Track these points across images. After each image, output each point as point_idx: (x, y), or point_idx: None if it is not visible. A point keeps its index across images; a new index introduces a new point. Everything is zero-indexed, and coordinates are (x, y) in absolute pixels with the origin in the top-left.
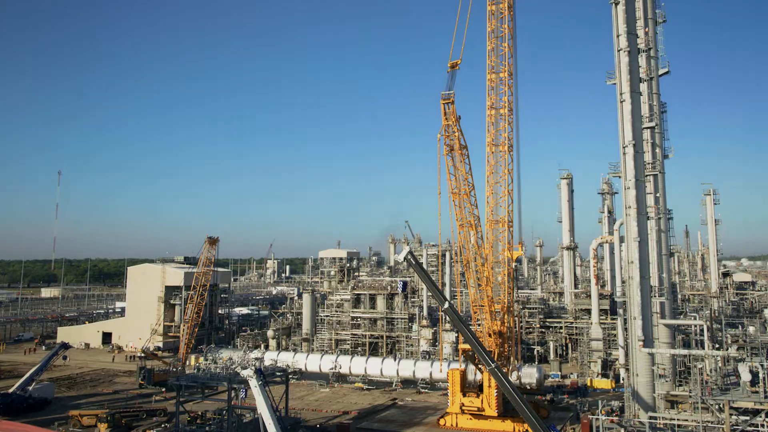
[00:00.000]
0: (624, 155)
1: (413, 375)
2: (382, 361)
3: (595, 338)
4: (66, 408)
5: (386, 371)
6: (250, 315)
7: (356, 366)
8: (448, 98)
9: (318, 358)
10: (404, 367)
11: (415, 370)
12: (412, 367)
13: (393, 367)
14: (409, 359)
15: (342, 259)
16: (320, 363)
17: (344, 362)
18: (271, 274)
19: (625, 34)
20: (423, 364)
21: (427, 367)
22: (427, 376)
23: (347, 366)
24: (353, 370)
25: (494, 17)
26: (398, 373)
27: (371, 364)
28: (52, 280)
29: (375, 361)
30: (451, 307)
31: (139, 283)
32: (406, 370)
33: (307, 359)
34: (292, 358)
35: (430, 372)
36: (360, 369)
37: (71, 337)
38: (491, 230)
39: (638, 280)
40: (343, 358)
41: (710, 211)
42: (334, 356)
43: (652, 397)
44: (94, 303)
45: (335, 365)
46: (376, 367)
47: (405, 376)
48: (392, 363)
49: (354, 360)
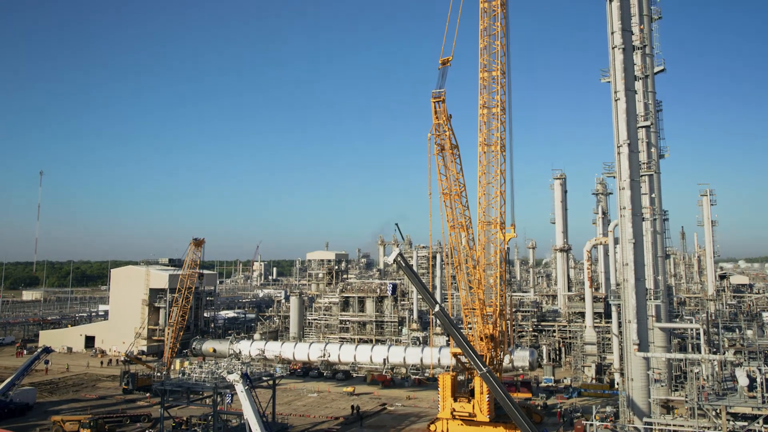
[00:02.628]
0: (619, 155)
1: (404, 361)
2: (371, 348)
3: (589, 342)
4: (48, 414)
5: (376, 358)
6: (236, 318)
7: (345, 354)
8: (438, 96)
9: (306, 347)
10: (394, 353)
11: (405, 357)
12: (402, 353)
13: (383, 353)
14: (399, 345)
15: (330, 261)
16: (309, 352)
17: (333, 350)
18: (258, 276)
19: (619, 31)
20: (413, 350)
21: (417, 353)
22: (418, 362)
23: (336, 354)
24: (342, 358)
25: (486, 15)
26: (388, 360)
27: (360, 351)
28: (34, 282)
29: (364, 348)
30: (442, 310)
31: (122, 286)
32: (396, 356)
33: (296, 348)
34: (279, 348)
35: (420, 357)
36: (349, 357)
37: (53, 341)
38: (483, 232)
39: (633, 283)
40: (332, 346)
41: (707, 212)
42: (323, 344)
43: (648, 403)
44: (77, 306)
45: (324, 353)
46: (366, 355)
47: (395, 362)
48: (382, 349)
49: (343, 348)
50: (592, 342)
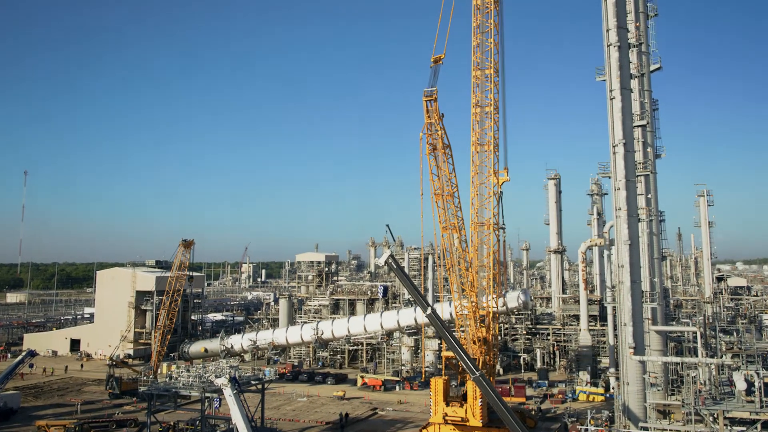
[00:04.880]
0: (614, 155)
1: (398, 324)
2: (364, 317)
3: (583, 345)
4: (32, 418)
5: (370, 327)
6: (224, 321)
7: (338, 329)
8: (430, 95)
9: (298, 328)
10: (387, 318)
11: (398, 320)
12: (396, 316)
13: (376, 320)
14: (391, 310)
15: (320, 263)
16: (301, 333)
17: (325, 327)
18: (247, 278)
19: (615, 28)
20: (407, 311)
21: (410, 314)
22: (412, 322)
23: (329, 330)
24: (336, 333)
25: (479, 11)
26: (382, 326)
27: (354, 323)
28: (18, 284)
29: (357, 320)
30: (434, 313)
31: (108, 288)
32: (389, 321)
33: (288, 332)
34: (272, 335)
35: (414, 318)
36: (343, 331)
37: (38, 344)
38: (476, 233)
39: (629, 285)
40: (324, 324)
41: (704, 212)
42: (314, 323)
43: (643, 407)
44: (62, 309)
45: (316, 331)
46: (359, 326)
47: (390, 327)
48: (375, 317)
49: (336, 323)
50: (587, 345)
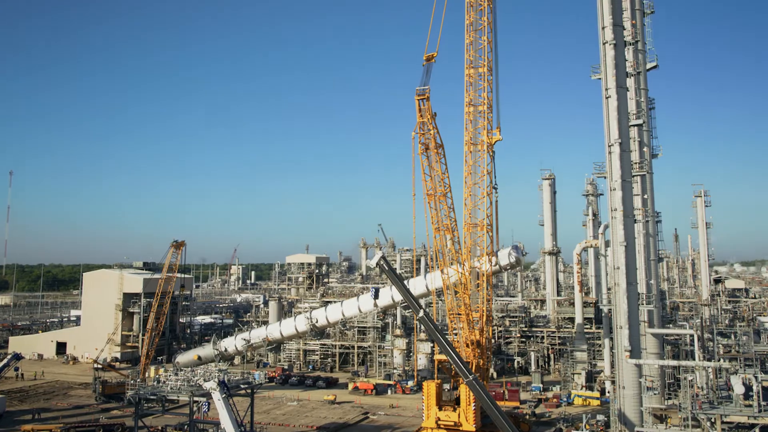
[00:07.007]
0: (610, 154)
1: (392, 300)
2: (357, 299)
3: (578, 348)
4: (18, 423)
5: (364, 307)
6: (213, 324)
7: (332, 314)
8: (423, 94)
9: (292, 320)
10: (382, 295)
11: (393, 295)
12: (390, 292)
13: (371, 301)
14: (384, 287)
15: (311, 264)
16: (295, 324)
17: (319, 315)
18: (236, 280)
19: (610, 25)
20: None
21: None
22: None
23: (324, 317)
24: (330, 318)
25: (473, 9)
26: (377, 305)
27: (347, 306)
28: (3, 286)
29: (351, 302)
30: (427, 316)
31: (95, 290)
32: (385, 298)
33: (282, 325)
34: (265, 331)
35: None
36: (337, 315)
37: (23, 347)
38: (469, 234)
39: (625, 287)
40: (318, 312)
41: (701, 213)
42: (308, 312)
43: (640, 411)
44: (48, 311)
45: (311, 320)
46: (353, 308)
47: (385, 304)
48: (368, 298)
49: (329, 308)
50: (582, 348)
